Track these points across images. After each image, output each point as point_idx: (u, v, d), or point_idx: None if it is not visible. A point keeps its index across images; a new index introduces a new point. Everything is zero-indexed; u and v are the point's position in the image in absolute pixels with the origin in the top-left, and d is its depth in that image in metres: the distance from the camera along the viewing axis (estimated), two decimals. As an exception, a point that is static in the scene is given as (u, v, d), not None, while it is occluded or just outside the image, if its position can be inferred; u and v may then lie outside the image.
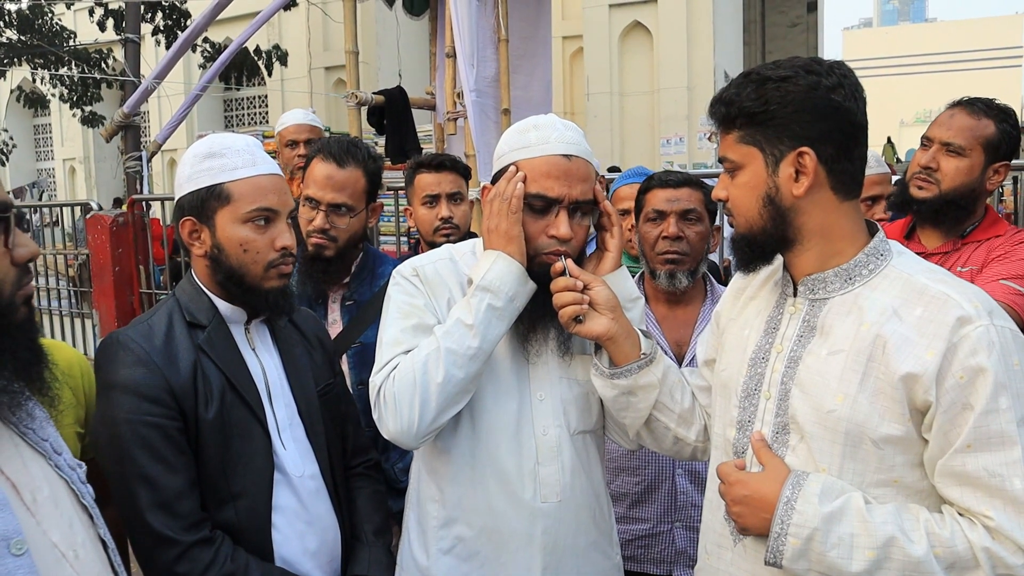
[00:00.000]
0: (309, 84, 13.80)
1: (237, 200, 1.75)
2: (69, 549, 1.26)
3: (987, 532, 1.30)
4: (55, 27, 13.02)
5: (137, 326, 1.76)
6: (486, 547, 1.76)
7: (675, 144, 14.24)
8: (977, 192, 2.37)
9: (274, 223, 1.78)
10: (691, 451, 1.82)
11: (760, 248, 1.50)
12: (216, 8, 5.84)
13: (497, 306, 1.67)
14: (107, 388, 1.68)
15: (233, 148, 1.78)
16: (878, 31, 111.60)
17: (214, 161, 1.76)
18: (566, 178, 1.69)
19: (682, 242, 2.33)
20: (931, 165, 2.38)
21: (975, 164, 2.34)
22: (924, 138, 2.46)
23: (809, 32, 19.06)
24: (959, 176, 2.34)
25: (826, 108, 1.40)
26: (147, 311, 1.84)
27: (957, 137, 2.35)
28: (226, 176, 1.75)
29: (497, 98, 5.27)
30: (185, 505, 1.64)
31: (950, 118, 2.39)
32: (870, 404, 1.36)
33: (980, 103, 2.38)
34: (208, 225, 1.77)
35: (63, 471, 1.33)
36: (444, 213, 2.81)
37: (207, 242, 1.78)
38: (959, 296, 1.35)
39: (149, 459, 1.63)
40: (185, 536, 1.62)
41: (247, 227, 1.75)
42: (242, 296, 1.79)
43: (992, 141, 2.33)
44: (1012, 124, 2.36)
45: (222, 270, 1.77)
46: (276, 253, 1.78)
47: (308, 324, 2.04)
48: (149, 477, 1.62)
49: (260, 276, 1.78)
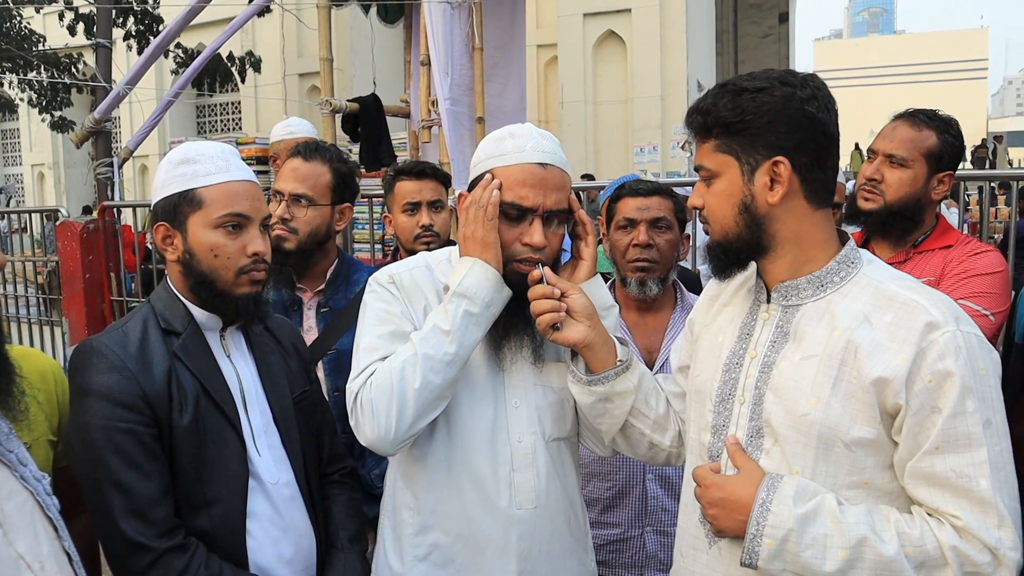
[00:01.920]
0: (283, 91, 13.73)
1: (209, 205, 1.75)
2: (35, 561, 1.26)
3: (955, 531, 1.32)
4: (24, 31, 12.85)
5: (111, 333, 1.75)
6: (461, 554, 1.77)
7: (648, 153, 14.33)
8: (923, 202, 2.40)
9: (246, 229, 1.78)
10: (665, 456, 1.83)
11: (735, 255, 1.52)
12: (189, 14, 5.80)
13: (474, 312, 1.68)
14: (81, 394, 1.67)
15: (207, 155, 1.78)
16: (848, 42, 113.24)
17: (188, 167, 1.77)
18: (541, 187, 1.71)
19: (652, 250, 2.36)
20: (875, 177, 2.41)
21: (918, 175, 2.37)
22: (869, 150, 2.50)
23: (781, 42, 19.31)
24: (903, 187, 2.37)
25: (800, 119, 1.43)
26: (122, 318, 1.83)
27: (899, 149, 2.38)
28: (199, 181, 1.75)
29: (471, 106, 5.29)
30: (159, 512, 1.63)
31: (892, 130, 2.42)
32: (842, 408, 1.39)
33: (922, 115, 2.42)
34: (180, 230, 1.77)
35: (28, 483, 1.32)
36: (424, 221, 2.81)
37: (179, 247, 1.77)
38: (927, 303, 1.38)
39: (122, 465, 1.62)
40: (158, 543, 1.61)
41: (218, 232, 1.75)
42: (213, 302, 1.79)
43: (934, 152, 2.37)
44: (954, 135, 2.40)
45: (193, 275, 1.77)
46: (247, 259, 1.77)
47: (283, 331, 2.04)
48: (122, 484, 1.61)
49: (231, 282, 1.77)
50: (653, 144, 14.27)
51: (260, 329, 1.94)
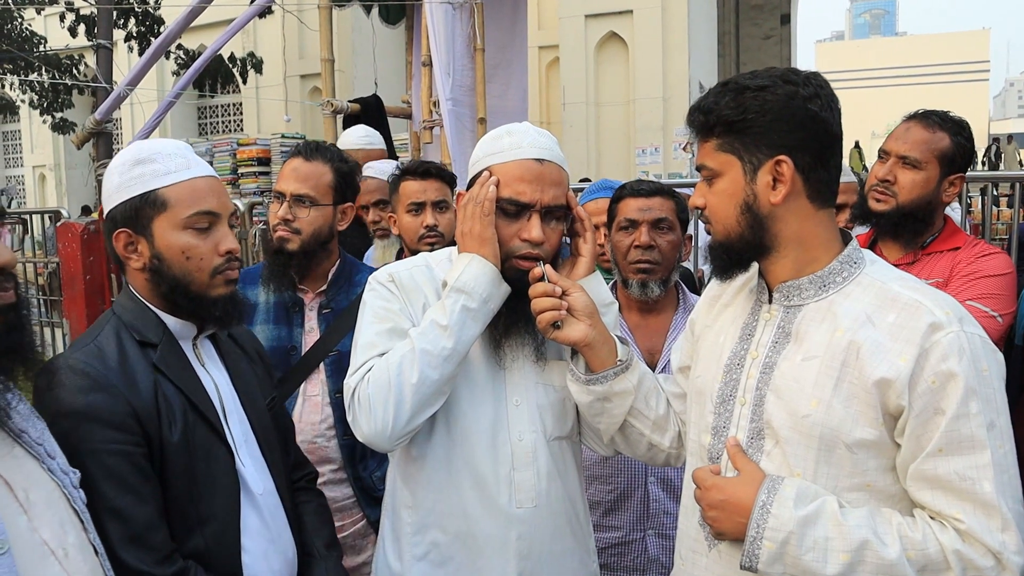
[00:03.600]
0: (284, 92, 13.74)
1: (174, 205, 1.65)
2: (59, 548, 1.27)
3: (958, 535, 1.31)
4: (25, 32, 12.86)
5: (84, 348, 1.63)
6: (460, 553, 1.76)
7: (650, 154, 14.33)
8: (934, 204, 2.40)
9: (216, 227, 1.70)
10: (665, 457, 1.83)
11: (738, 255, 1.52)
12: (190, 15, 5.80)
13: (471, 307, 1.68)
14: (60, 417, 1.50)
15: (164, 152, 1.69)
16: (850, 44, 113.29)
17: (145, 167, 1.66)
18: (538, 182, 1.71)
19: (654, 251, 2.35)
20: (888, 178, 2.41)
21: (931, 177, 2.37)
22: (881, 151, 2.49)
23: (783, 44, 19.31)
24: (915, 189, 2.37)
25: (803, 117, 1.42)
26: (86, 332, 1.71)
27: (913, 150, 2.38)
28: (159, 182, 1.65)
29: (473, 107, 5.29)
30: (157, 537, 1.55)
31: (906, 131, 2.42)
32: (844, 409, 1.38)
33: (935, 116, 2.42)
34: (144, 235, 1.67)
35: (56, 475, 1.33)
36: (429, 221, 2.81)
37: (145, 253, 1.68)
38: (931, 303, 1.37)
39: (117, 491, 1.52)
40: (160, 570, 1.53)
41: (187, 233, 1.66)
42: (189, 307, 1.70)
43: (947, 154, 2.37)
44: (966, 137, 2.40)
45: (165, 281, 1.67)
46: (221, 258, 1.69)
47: (246, 339, 1.98)
48: (118, 510, 1.51)
49: (206, 284, 1.69)
50: (655, 146, 14.27)
51: (225, 336, 1.87)
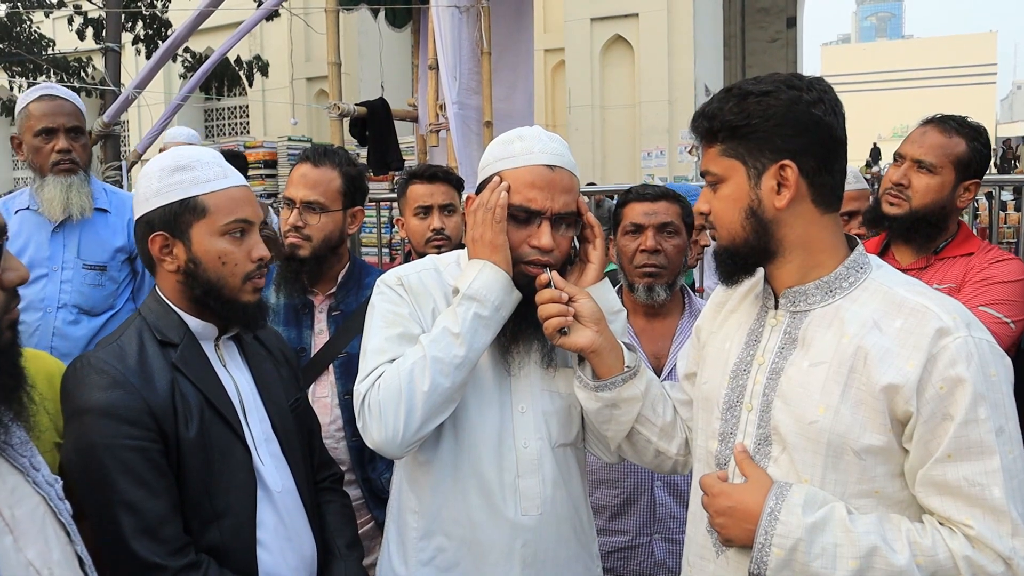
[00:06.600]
0: (291, 95, 13.76)
1: (213, 212, 1.72)
2: (44, 567, 1.26)
3: (968, 541, 1.31)
4: (33, 35, 12.92)
5: (106, 347, 1.70)
6: (465, 559, 1.76)
7: (656, 157, 14.34)
8: (948, 209, 2.39)
9: (249, 234, 1.77)
10: (672, 464, 1.82)
11: (743, 260, 1.51)
12: (198, 18, 5.82)
13: (483, 315, 1.67)
14: (80, 413, 1.60)
15: (202, 161, 1.75)
16: (856, 47, 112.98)
17: (184, 174, 1.72)
18: (549, 189, 1.70)
19: (660, 255, 2.35)
20: (903, 182, 2.40)
21: (946, 182, 2.36)
22: (896, 154, 2.48)
23: (788, 47, 19.29)
24: (930, 193, 2.36)
25: (807, 122, 1.41)
26: (113, 332, 1.79)
27: (928, 155, 2.36)
28: (199, 189, 1.72)
29: (479, 110, 5.30)
30: (169, 530, 1.60)
31: (922, 135, 2.41)
32: (852, 415, 1.37)
33: (952, 121, 2.40)
34: (182, 239, 1.72)
35: (41, 488, 1.32)
36: (436, 224, 2.81)
37: (180, 257, 1.73)
38: (938, 308, 1.36)
39: (131, 484, 1.57)
40: (172, 561, 1.58)
41: (225, 239, 1.73)
42: (219, 310, 1.76)
43: (963, 159, 2.35)
44: (983, 143, 2.39)
45: (199, 284, 1.73)
46: (252, 264, 1.76)
47: (272, 341, 2.02)
48: (132, 503, 1.57)
49: (238, 288, 1.75)
50: (660, 148, 14.28)
51: (250, 338, 1.92)
